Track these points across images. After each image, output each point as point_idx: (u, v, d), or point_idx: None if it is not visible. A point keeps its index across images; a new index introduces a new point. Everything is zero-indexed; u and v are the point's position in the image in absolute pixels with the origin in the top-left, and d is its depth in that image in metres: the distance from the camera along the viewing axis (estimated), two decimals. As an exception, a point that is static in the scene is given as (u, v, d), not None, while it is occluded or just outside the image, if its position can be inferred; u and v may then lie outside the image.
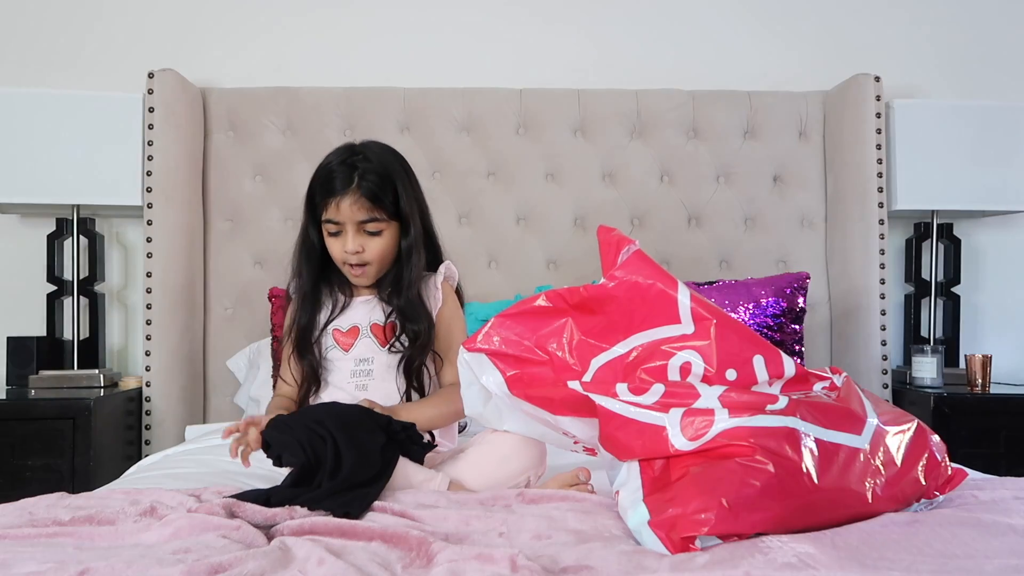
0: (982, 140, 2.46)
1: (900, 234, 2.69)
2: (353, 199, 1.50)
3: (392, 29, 2.65)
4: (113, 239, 2.62)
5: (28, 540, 1.03)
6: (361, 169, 1.50)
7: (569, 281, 2.43)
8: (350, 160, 1.52)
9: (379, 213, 1.51)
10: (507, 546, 1.00)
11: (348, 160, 1.52)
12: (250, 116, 2.51)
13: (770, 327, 2.21)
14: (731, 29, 2.70)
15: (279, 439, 1.27)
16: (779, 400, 1.12)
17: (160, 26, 2.61)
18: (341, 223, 1.52)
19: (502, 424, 1.35)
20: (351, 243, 1.52)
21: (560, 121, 2.55)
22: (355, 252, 1.52)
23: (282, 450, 1.27)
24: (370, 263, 1.55)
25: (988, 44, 2.72)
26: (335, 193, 1.50)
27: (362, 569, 0.91)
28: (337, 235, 1.54)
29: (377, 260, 1.55)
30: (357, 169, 1.50)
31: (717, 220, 2.57)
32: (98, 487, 1.52)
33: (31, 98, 2.34)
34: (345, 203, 1.50)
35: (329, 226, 1.54)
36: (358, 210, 1.50)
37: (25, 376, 2.34)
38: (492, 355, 1.30)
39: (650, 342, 1.23)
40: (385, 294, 1.58)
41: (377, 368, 1.55)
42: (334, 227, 1.53)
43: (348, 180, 1.50)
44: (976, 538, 1.00)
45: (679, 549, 0.99)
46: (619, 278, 1.27)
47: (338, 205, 1.50)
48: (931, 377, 2.35)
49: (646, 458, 1.12)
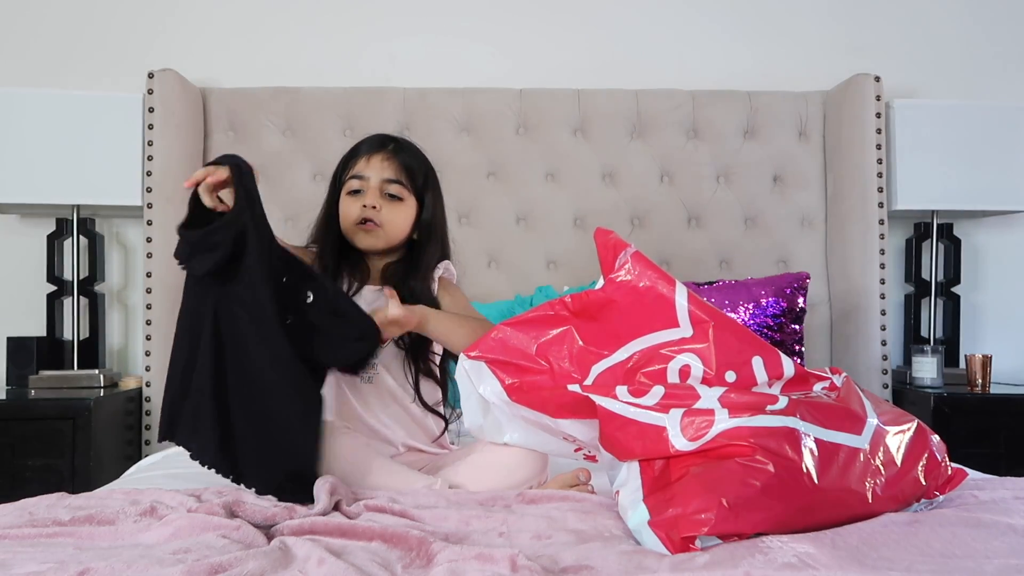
0: (982, 140, 2.46)
1: (900, 234, 2.69)
2: (384, 157, 1.56)
3: (392, 29, 2.65)
4: (113, 239, 2.62)
5: (28, 540, 1.03)
6: (399, 142, 1.60)
7: (569, 281, 2.44)
8: (385, 137, 1.60)
9: (405, 180, 1.56)
10: (507, 546, 1.00)
11: (384, 136, 1.61)
12: (250, 116, 2.51)
13: (770, 327, 2.21)
14: (731, 29, 2.70)
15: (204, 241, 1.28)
16: (779, 400, 1.12)
17: (160, 26, 2.61)
18: (367, 177, 1.55)
19: (502, 437, 1.35)
20: (371, 197, 1.54)
21: (560, 121, 2.55)
22: (372, 207, 1.54)
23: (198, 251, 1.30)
24: (383, 225, 1.55)
25: (988, 44, 2.72)
26: (368, 151, 1.57)
27: (362, 569, 0.91)
28: (358, 193, 1.56)
29: (389, 226, 1.56)
30: (393, 141, 1.59)
31: (717, 220, 2.57)
32: (98, 487, 1.52)
33: (31, 98, 2.33)
34: (376, 158, 1.56)
35: (353, 182, 1.56)
36: (387, 168, 1.55)
37: (25, 376, 2.34)
38: (492, 363, 1.30)
39: (649, 347, 1.24)
40: (396, 278, 1.57)
41: (384, 357, 1.55)
42: (358, 183, 1.56)
43: (383, 144, 1.58)
44: (976, 538, 1.00)
45: (679, 549, 0.99)
46: (617, 282, 1.28)
47: (368, 159, 1.56)
48: (931, 377, 2.35)
49: (646, 458, 1.12)
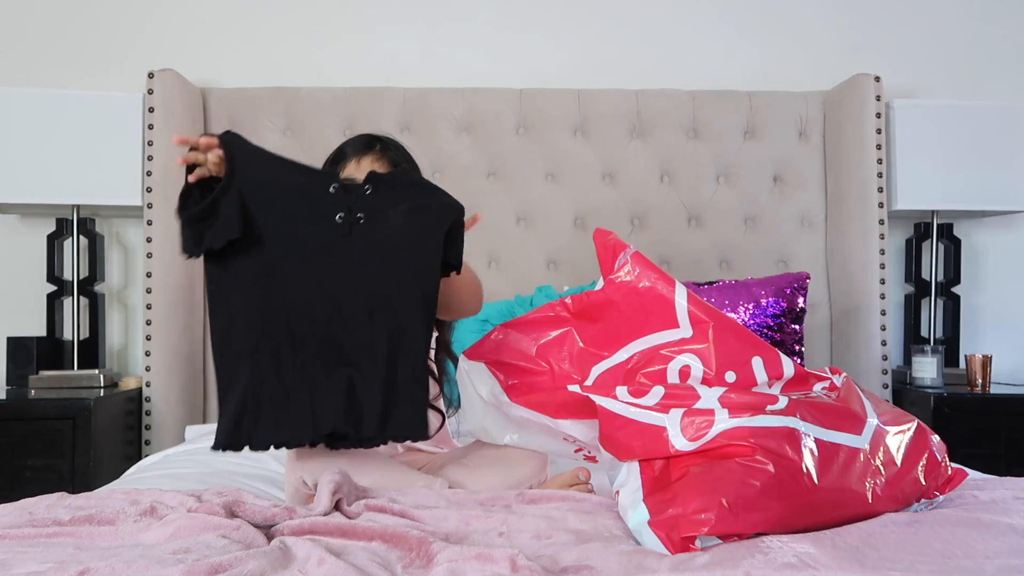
0: (982, 140, 2.46)
1: (900, 234, 2.69)
2: (375, 157, 1.52)
3: (392, 29, 2.65)
4: (113, 239, 2.62)
5: (28, 540, 1.03)
6: (384, 141, 1.55)
7: (569, 281, 2.44)
8: (370, 138, 1.56)
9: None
10: (507, 546, 1.00)
11: (368, 137, 1.56)
12: (250, 116, 2.51)
13: (770, 327, 2.21)
14: (731, 29, 2.70)
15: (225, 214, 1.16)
16: (779, 400, 1.12)
17: (160, 26, 2.61)
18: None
19: (502, 438, 1.35)
20: None
21: (560, 121, 2.55)
22: None
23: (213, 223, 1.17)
24: None
25: (988, 44, 2.72)
26: (357, 153, 1.53)
27: (362, 569, 0.91)
28: None
29: None
30: (380, 140, 1.55)
31: (717, 220, 2.57)
32: (98, 487, 1.52)
33: (31, 98, 2.33)
34: (366, 160, 1.52)
35: None
36: (378, 168, 1.51)
37: (25, 376, 2.34)
38: (492, 364, 1.30)
39: (649, 347, 1.24)
40: None
41: None
42: None
43: (370, 146, 1.54)
44: (976, 538, 1.00)
45: (679, 549, 0.99)
46: (617, 283, 1.28)
47: (358, 161, 1.52)
48: (931, 377, 2.35)
49: (646, 458, 1.12)
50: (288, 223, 1.21)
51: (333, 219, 1.22)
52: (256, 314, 1.20)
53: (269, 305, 1.20)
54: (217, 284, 1.22)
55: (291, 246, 1.21)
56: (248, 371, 1.19)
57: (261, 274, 1.20)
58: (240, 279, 1.20)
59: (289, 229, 1.21)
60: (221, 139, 1.22)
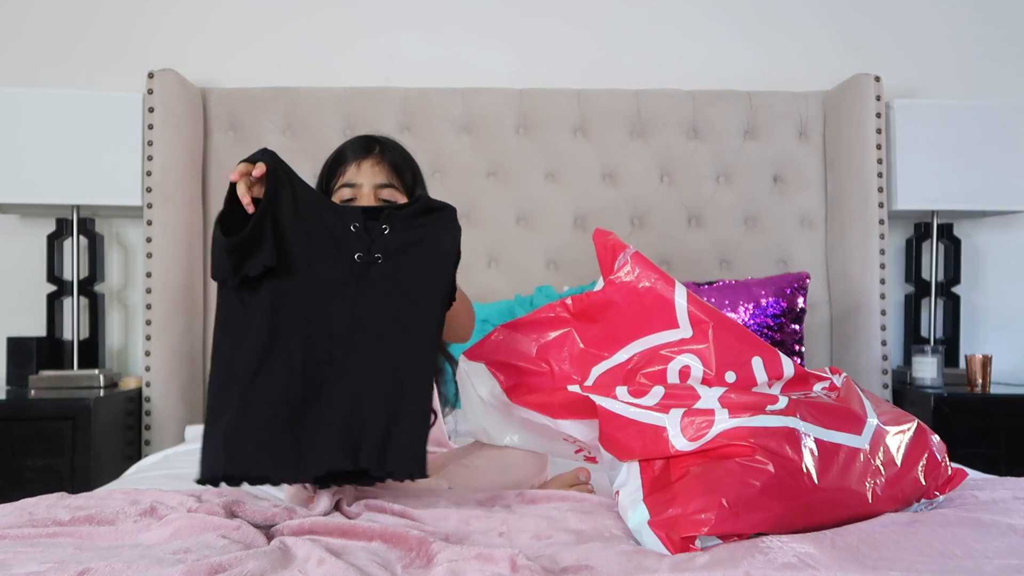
0: (982, 140, 2.46)
1: (900, 234, 2.69)
2: (375, 161, 1.48)
3: (392, 29, 2.65)
4: (113, 239, 2.62)
5: (28, 540, 1.03)
6: (383, 143, 1.51)
7: (569, 281, 2.44)
8: (368, 140, 1.52)
9: (396, 182, 1.49)
10: (507, 546, 1.00)
11: (366, 139, 1.52)
12: (250, 116, 2.51)
13: (770, 327, 2.21)
14: (731, 29, 2.70)
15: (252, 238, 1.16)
16: (779, 400, 1.12)
17: (160, 26, 2.61)
18: (359, 185, 1.46)
19: (502, 439, 1.35)
20: (366, 202, 1.46)
21: (560, 121, 2.55)
22: None
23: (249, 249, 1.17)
24: None
25: (988, 44, 2.72)
26: (356, 157, 1.49)
27: (362, 569, 0.91)
28: (351, 202, 1.48)
29: None
30: (379, 142, 1.51)
31: (717, 220, 2.57)
32: (98, 487, 1.52)
33: (31, 98, 2.33)
34: (366, 164, 1.48)
35: (344, 191, 1.47)
36: (378, 172, 1.47)
37: (25, 376, 2.34)
38: (492, 365, 1.30)
39: (649, 348, 1.24)
40: None
41: None
42: (350, 191, 1.47)
43: (370, 148, 1.50)
44: (976, 538, 1.00)
45: (679, 549, 0.99)
46: (617, 283, 1.28)
47: (359, 166, 1.48)
48: (931, 377, 2.35)
49: (646, 458, 1.12)
50: (309, 257, 1.20)
51: (352, 257, 1.22)
52: (261, 347, 1.17)
53: (277, 336, 1.18)
54: (231, 310, 1.20)
55: (309, 280, 1.20)
56: (237, 400, 1.15)
57: (275, 305, 1.19)
58: (256, 308, 1.19)
59: (309, 263, 1.20)
60: (263, 159, 1.21)
